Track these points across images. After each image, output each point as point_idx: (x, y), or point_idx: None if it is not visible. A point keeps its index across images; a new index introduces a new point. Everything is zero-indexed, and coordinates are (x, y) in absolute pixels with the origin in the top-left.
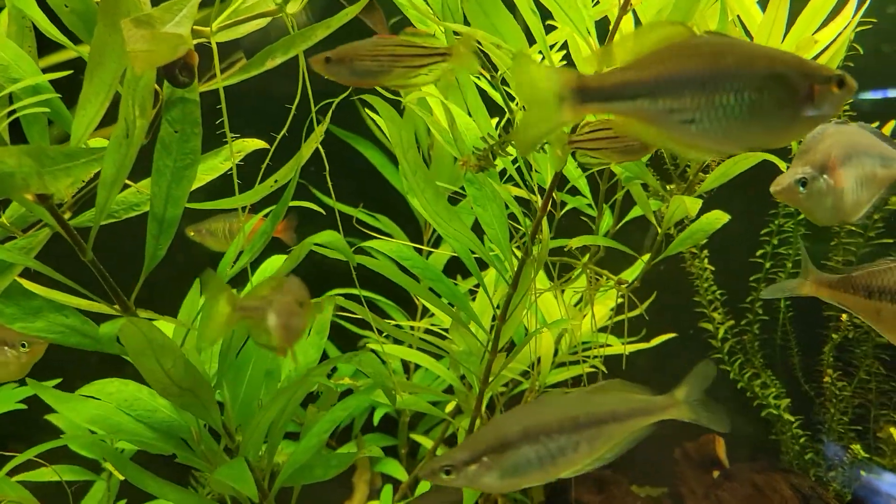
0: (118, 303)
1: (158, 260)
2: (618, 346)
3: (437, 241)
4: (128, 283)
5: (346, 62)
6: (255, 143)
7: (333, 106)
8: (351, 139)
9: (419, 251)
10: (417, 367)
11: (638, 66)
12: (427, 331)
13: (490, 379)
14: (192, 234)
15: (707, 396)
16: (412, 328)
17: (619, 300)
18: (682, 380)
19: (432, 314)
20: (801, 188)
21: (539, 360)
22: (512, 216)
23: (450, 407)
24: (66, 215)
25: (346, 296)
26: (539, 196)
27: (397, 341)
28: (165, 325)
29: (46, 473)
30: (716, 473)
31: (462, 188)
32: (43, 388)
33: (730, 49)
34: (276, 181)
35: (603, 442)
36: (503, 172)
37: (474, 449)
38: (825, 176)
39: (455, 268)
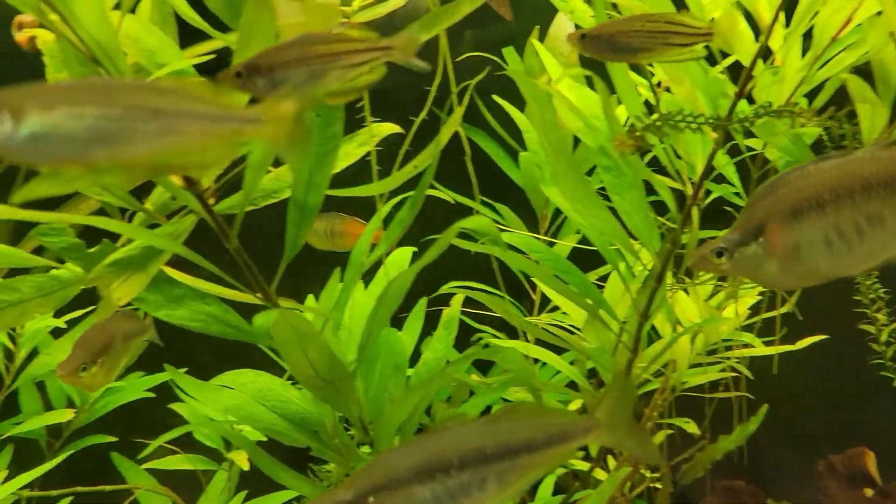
0: (261, 291)
1: (299, 248)
2: (761, 348)
3: (553, 235)
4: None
5: (265, 73)
6: (390, 128)
7: (470, 88)
8: (466, 129)
9: None
10: (536, 362)
11: None
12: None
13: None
14: None
15: (633, 418)
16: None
17: (759, 297)
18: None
19: (552, 309)
20: (721, 258)
21: (673, 359)
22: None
23: (574, 405)
24: (210, 201)
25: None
26: (688, 182)
27: (512, 337)
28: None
29: (170, 462)
30: (869, 491)
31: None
32: (180, 376)
33: None
34: (415, 166)
35: (516, 476)
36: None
37: (359, 488)
38: (760, 240)
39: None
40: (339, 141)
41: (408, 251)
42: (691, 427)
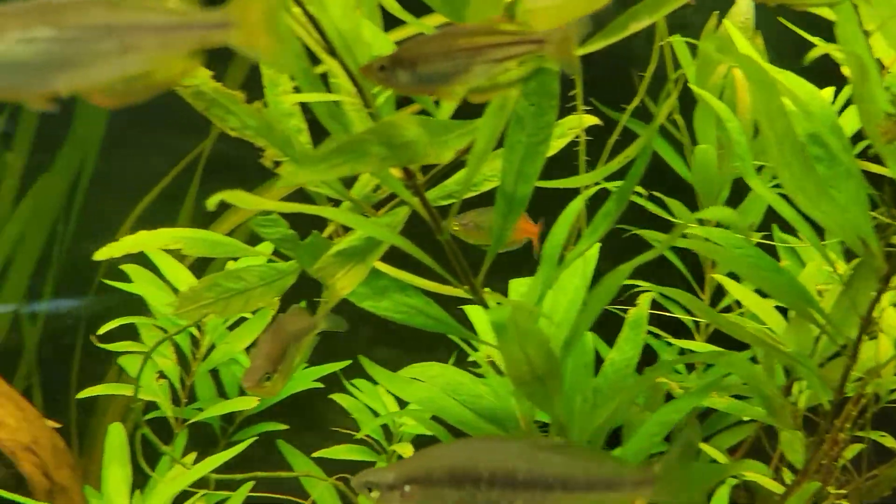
0: (468, 284)
1: (506, 240)
2: None
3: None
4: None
5: (408, 66)
6: (590, 120)
7: (681, 79)
8: (633, 124)
9: None
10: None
11: None
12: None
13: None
14: (456, 227)
15: (688, 476)
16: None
17: None
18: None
19: (722, 310)
20: None
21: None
22: None
23: (753, 413)
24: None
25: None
26: None
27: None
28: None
29: (336, 451)
30: None
31: None
32: (374, 368)
33: None
34: (626, 157)
35: None
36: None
37: (399, 475)
38: None
39: None
40: (551, 131)
41: (595, 246)
42: (888, 441)
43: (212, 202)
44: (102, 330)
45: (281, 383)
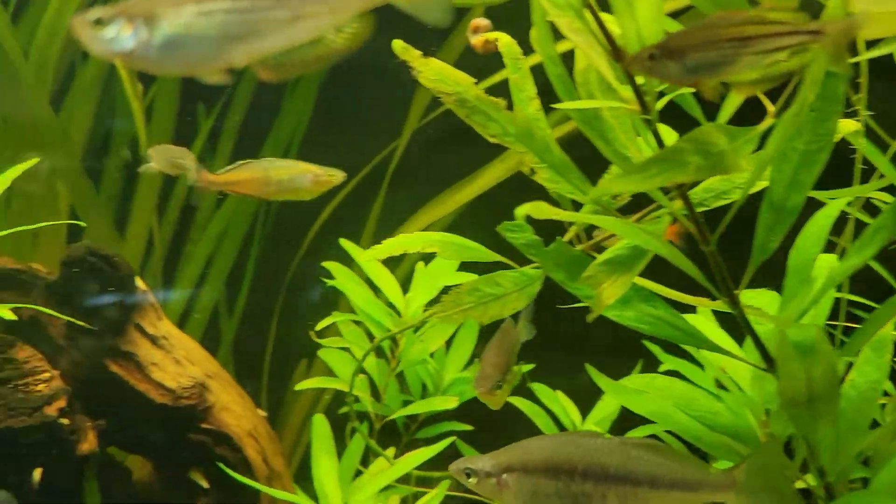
0: (727, 297)
1: (770, 253)
2: None
3: None
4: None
5: (677, 55)
6: (850, 125)
7: None
8: None
9: None
10: None
11: None
12: None
13: None
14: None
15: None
16: None
17: None
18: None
19: None
20: None
21: None
22: None
23: None
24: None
25: None
26: None
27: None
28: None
29: None
30: None
31: None
32: (601, 377)
33: None
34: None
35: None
36: None
37: (498, 463)
38: None
39: None
40: (832, 139)
41: (831, 258)
42: None
43: (520, 212)
44: (320, 325)
45: (507, 392)
